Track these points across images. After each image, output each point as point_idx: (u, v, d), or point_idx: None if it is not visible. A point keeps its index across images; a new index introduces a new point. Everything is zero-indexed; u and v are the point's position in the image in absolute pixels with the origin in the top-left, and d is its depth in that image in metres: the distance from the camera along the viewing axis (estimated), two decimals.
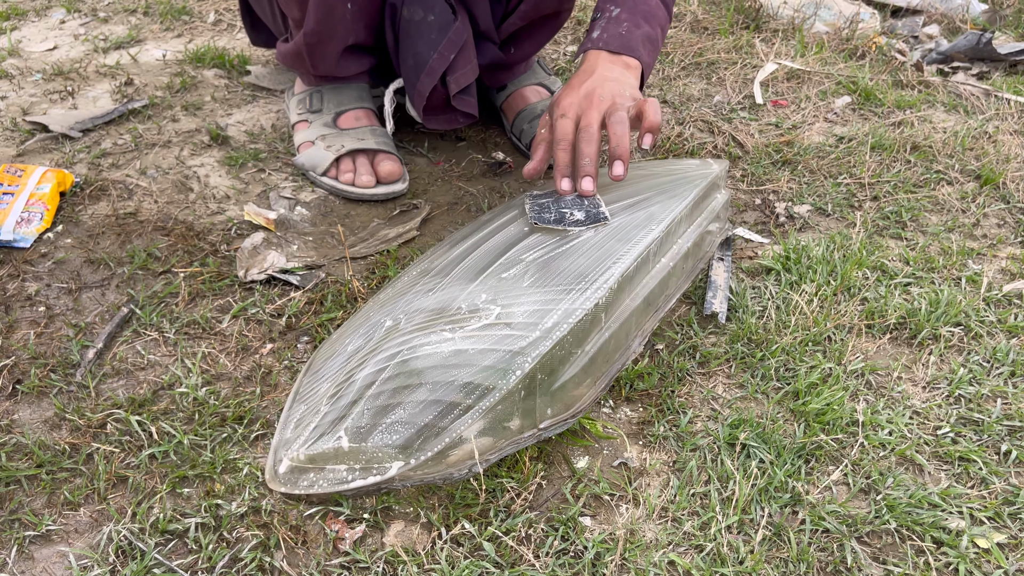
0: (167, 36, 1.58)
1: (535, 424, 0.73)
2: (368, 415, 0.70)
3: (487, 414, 0.69)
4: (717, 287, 0.94)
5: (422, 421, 0.69)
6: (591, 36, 1.02)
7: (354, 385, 0.72)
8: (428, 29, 1.05)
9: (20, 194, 1.02)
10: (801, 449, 0.77)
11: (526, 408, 0.72)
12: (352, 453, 0.69)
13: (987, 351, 0.88)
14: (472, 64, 1.09)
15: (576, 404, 0.76)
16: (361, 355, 0.75)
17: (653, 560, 0.67)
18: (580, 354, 0.75)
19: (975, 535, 0.69)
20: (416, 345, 0.73)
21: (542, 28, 1.20)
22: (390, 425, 0.69)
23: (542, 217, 0.88)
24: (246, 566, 0.66)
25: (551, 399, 0.74)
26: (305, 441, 0.71)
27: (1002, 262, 1.03)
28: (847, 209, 1.12)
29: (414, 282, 0.83)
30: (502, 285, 0.78)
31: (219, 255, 0.99)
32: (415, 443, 0.68)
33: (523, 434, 0.73)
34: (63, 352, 0.84)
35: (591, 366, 0.77)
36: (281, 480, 0.71)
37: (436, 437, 0.69)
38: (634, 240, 0.84)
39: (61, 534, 0.68)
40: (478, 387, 0.70)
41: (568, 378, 0.74)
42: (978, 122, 1.33)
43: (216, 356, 0.85)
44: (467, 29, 1.08)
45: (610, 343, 0.79)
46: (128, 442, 0.75)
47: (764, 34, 1.65)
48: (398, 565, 0.66)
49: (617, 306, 0.80)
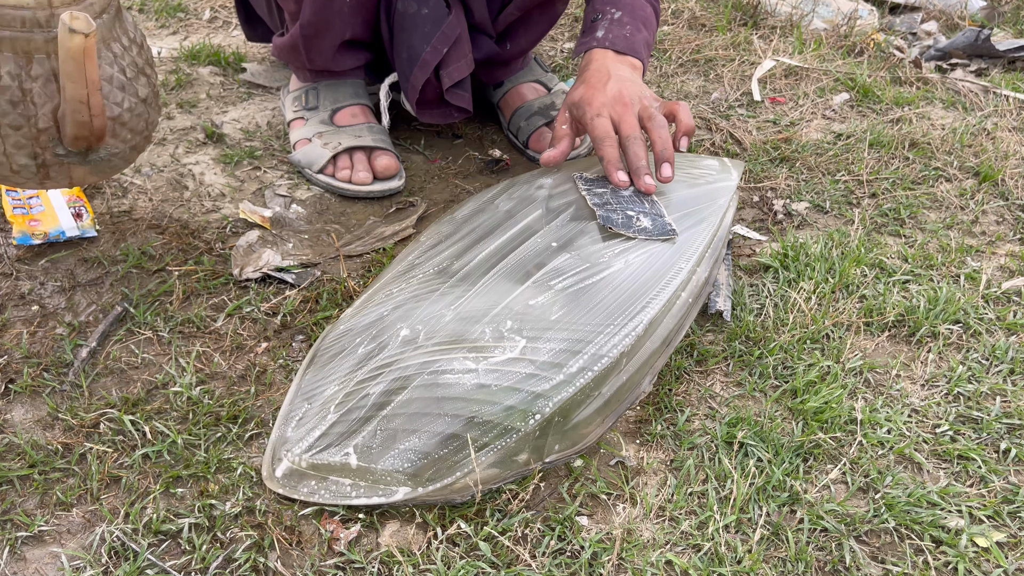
0: (162, 33, 1.57)
1: (541, 458, 0.73)
2: (381, 436, 0.69)
3: (501, 451, 0.70)
4: (720, 285, 0.93)
5: (438, 453, 0.69)
6: (595, 35, 1.02)
7: (367, 399, 0.72)
8: (422, 22, 1.05)
9: (46, 193, 1.01)
10: (799, 448, 0.76)
11: (536, 446, 0.72)
12: (359, 471, 0.69)
13: (986, 349, 0.88)
14: (467, 58, 1.09)
15: (583, 441, 0.76)
16: (374, 365, 0.74)
17: (650, 560, 0.66)
18: (597, 396, 0.75)
19: (974, 534, 0.69)
20: (437, 371, 0.72)
21: (539, 20, 1.19)
22: (403, 451, 0.69)
23: (609, 217, 0.86)
24: (240, 567, 0.65)
25: (561, 437, 0.73)
26: (309, 447, 0.70)
27: (1001, 259, 1.02)
28: (845, 206, 1.11)
29: (430, 279, 0.82)
30: (529, 313, 0.77)
31: (214, 253, 0.98)
32: (427, 472, 0.69)
33: (528, 466, 0.72)
34: (56, 351, 0.84)
35: (604, 407, 0.76)
36: (279, 482, 0.70)
37: (449, 470, 0.69)
38: (664, 281, 0.82)
39: (53, 535, 0.67)
40: (497, 426, 0.70)
41: (581, 419, 0.74)
42: (977, 119, 1.33)
43: (211, 355, 0.85)
44: (461, 23, 1.07)
45: (626, 385, 0.78)
46: (121, 442, 0.75)
47: (762, 31, 1.64)
48: (393, 565, 0.66)
49: (638, 349, 0.78)
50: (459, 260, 0.84)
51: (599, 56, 1.01)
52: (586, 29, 1.06)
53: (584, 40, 1.05)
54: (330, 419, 0.71)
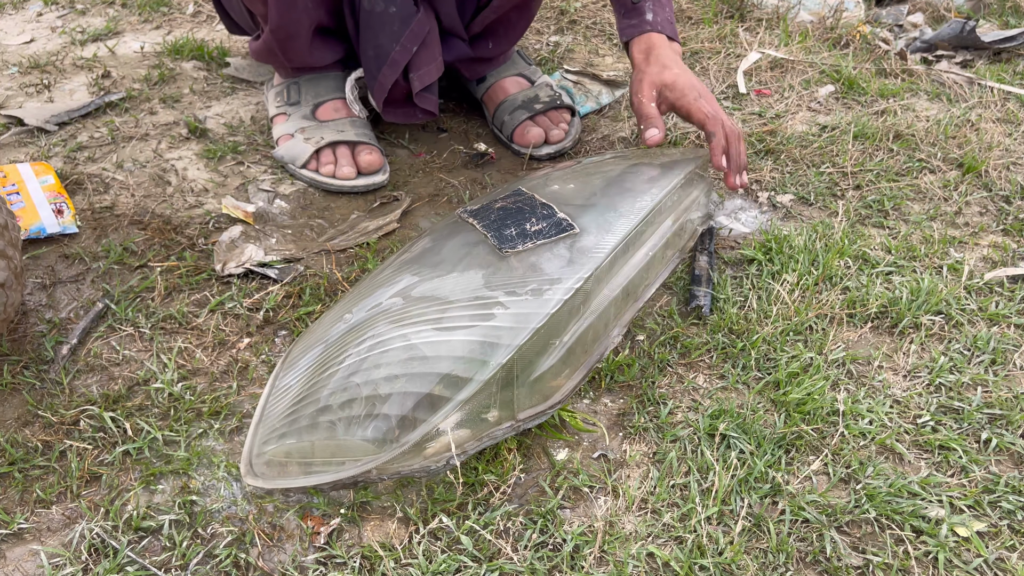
0: (145, 28, 1.56)
1: (513, 415, 0.72)
2: (345, 408, 0.69)
3: (464, 406, 0.69)
4: (701, 279, 0.94)
5: (398, 413, 0.68)
6: (645, 18, 1.03)
7: (332, 376, 0.71)
8: (390, 20, 1.04)
9: (27, 190, 1.00)
10: (781, 439, 0.76)
11: (504, 399, 0.71)
12: (328, 447, 0.68)
13: (968, 339, 0.88)
14: (437, 61, 1.08)
15: (555, 395, 0.76)
16: (339, 345, 0.74)
17: (632, 552, 0.66)
18: (558, 344, 0.75)
19: (955, 524, 0.69)
20: (394, 336, 0.72)
21: (517, 20, 1.19)
22: (365, 417, 0.68)
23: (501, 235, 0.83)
24: (221, 562, 0.65)
25: (529, 390, 0.73)
26: (282, 436, 0.70)
27: (984, 250, 1.03)
28: (829, 198, 1.12)
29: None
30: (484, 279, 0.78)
31: (196, 249, 0.98)
32: (391, 435, 0.68)
33: (501, 425, 0.72)
34: (37, 348, 0.83)
35: (569, 357, 0.76)
36: (257, 474, 0.70)
37: (413, 430, 0.68)
38: (613, 230, 0.83)
39: (33, 532, 0.67)
40: (455, 379, 0.69)
41: (546, 369, 0.74)
42: (961, 110, 1.33)
43: (192, 351, 0.84)
44: (430, 21, 1.06)
45: (588, 333, 0.78)
46: (102, 439, 0.75)
47: (748, 23, 1.64)
48: (375, 560, 0.65)
49: (595, 295, 0.79)
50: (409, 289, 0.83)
51: (658, 41, 1.01)
52: (629, 10, 1.05)
53: (634, 22, 1.03)
54: (301, 404, 0.71)
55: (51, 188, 1.02)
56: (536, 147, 1.17)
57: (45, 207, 0.99)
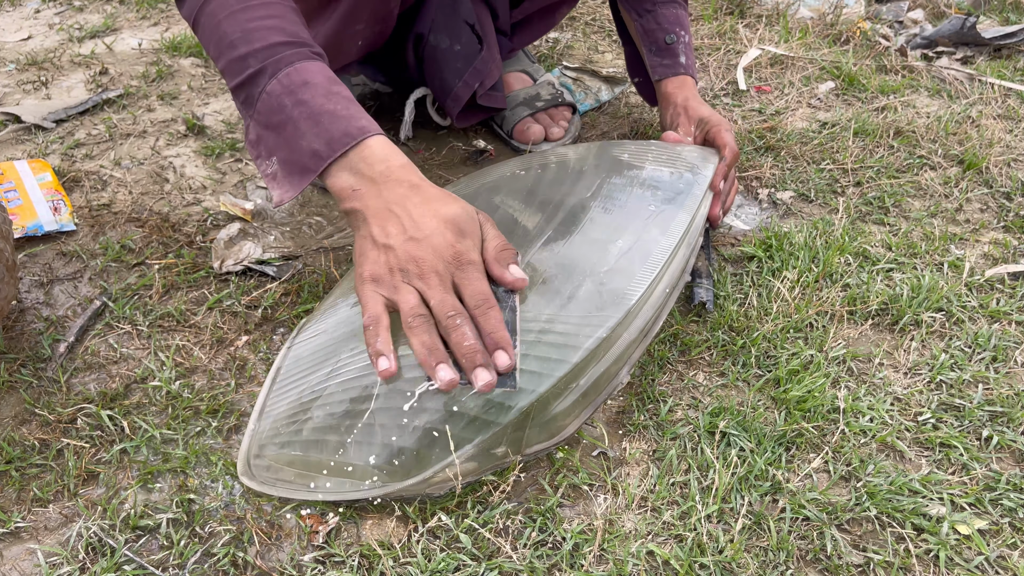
0: (143, 25, 1.55)
1: (520, 451, 0.72)
2: (359, 432, 0.68)
3: (479, 446, 0.68)
4: (701, 275, 0.93)
5: (415, 448, 0.67)
6: (679, 60, 1.09)
7: (345, 393, 0.70)
8: (454, 58, 1.07)
9: (24, 187, 1.00)
10: (782, 437, 0.76)
11: (515, 438, 0.71)
12: (337, 467, 0.68)
13: (969, 336, 0.88)
14: (496, 62, 1.11)
15: (562, 432, 0.75)
16: (353, 349, 0.73)
17: (632, 550, 0.66)
18: (575, 388, 0.74)
19: (956, 521, 0.69)
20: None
21: (539, 24, 1.22)
22: (381, 446, 0.67)
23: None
24: (218, 561, 0.65)
25: (539, 429, 0.73)
26: (286, 443, 0.69)
27: (984, 247, 1.02)
28: (830, 195, 1.11)
29: None
30: None
31: (194, 246, 0.97)
32: (403, 468, 0.67)
33: (506, 459, 0.72)
34: (34, 346, 0.83)
35: (582, 398, 0.75)
36: (256, 476, 0.70)
37: (428, 467, 0.68)
38: (642, 271, 0.80)
39: (30, 531, 0.67)
40: (475, 420, 0.68)
41: (559, 411, 0.73)
42: (961, 107, 1.33)
43: (190, 349, 0.84)
44: (493, 57, 1.09)
45: (603, 377, 0.77)
46: (99, 437, 0.74)
47: (748, 20, 1.63)
48: (374, 558, 0.65)
49: (615, 340, 0.77)
50: None
51: (690, 82, 1.09)
52: (662, 49, 1.10)
53: (668, 63, 1.10)
54: (309, 414, 0.70)
55: (48, 185, 1.02)
56: (536, 144, 1.17)
57: (42, 204, 0.98)
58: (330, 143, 0.74)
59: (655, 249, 0.83)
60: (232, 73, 0.77)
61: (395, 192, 0.73)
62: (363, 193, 0.74)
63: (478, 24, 1.06)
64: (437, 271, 0.69)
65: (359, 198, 0.74)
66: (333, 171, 0.75)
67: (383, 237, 0.72)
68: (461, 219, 0.71)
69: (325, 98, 0.75)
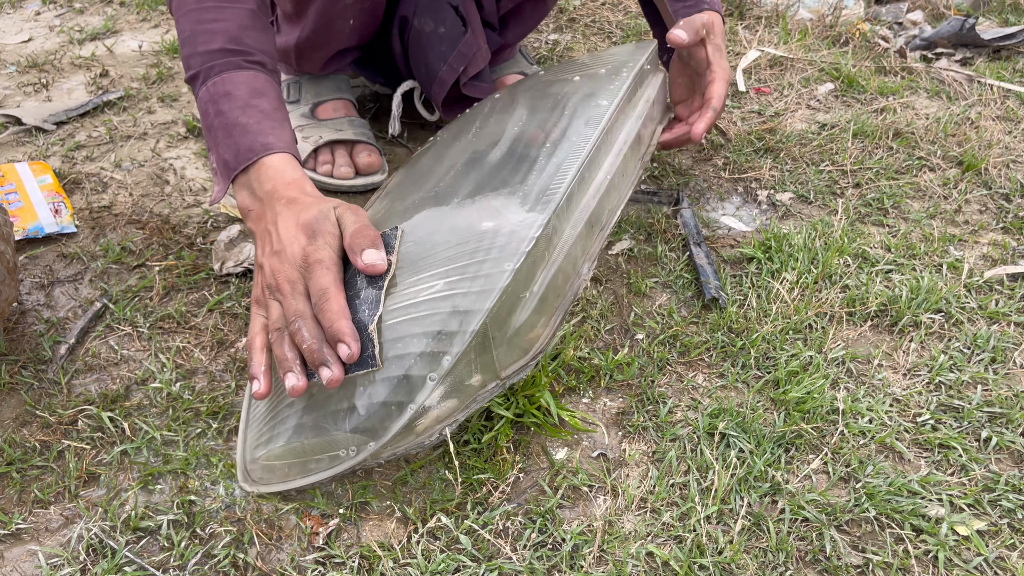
0: (144, 27, 1.56)
1: (496, 376, 0.71)
2: (326, 403, 0.68)
3: (444, 380, 0.67)
4: (707, 271, 0.93)
5: (381, 400, 0.67)
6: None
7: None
8: (438, 41, 1.06)
9: (25, 189, 1.00)
10: (781, 438, 0.76)
11: (484, 363, 0.69)
12: (319, 444, 0.68)
13: (968, 338, 0.88)
14: (482, 50, 1.11)
15: (534, 346, 0.73)
16: None
17: (631, 551, 0.66)
18: (528, 296, 0.72)
19: (955, 522, 0.69)
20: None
21: (530, 15, 1.20)
22: (349, 410, 0.67)
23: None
24: (219, 563, 0.65)
25: (507, 347, 0.71)
26: (270, 440, 0.69)
27: (983, 248, 1.03)
28: (829, 196, 1.11)
29: None
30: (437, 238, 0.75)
31: (195, 248, 0.98)
32: (379, 423, 0.67)
33: (487, 387, 0.70)
34: (35, 348, 0.83)
35: (542, 305, 0.73)
36: (255, 480, 0.70)
37: (400, 414, 0.67)
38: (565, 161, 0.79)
39: (31, 532, 0.67)
40: (431, 355, 0.67)
41: (521, 323, 0.71)
42: (961, 108, 1.33)
43: (191, 350, 0.84)
44: (477, 40, 1.08)
45: (558, 277, 0.75)
46: (100, 439, 0.74)
47: (747, 21, 1.64)
48: (374, 560, 0.65)
49: (558, 237, 0.75)
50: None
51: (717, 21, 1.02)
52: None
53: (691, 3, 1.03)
54: (275, 404, 0.70)
55: (49, 188, 1.02)
56: None
57: (43, 207, 0.99)
58: (236, 156, 0.77)
59: (577, 139, 0.82)
60: (184, 67, 0.83)
61: (273, 210, 0.74)
62: (254, 214, 0.76)
63: (462, 7, 1.05)
64: (290, 279, 0.69)
65: (252, 219, 0.76)
66: (237, 187, 0.78)
67: (260, 257, 0.73)
68: (314, 221, 0.71)
69: (241, 111, 0.77)
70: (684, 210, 1.05)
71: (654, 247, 1.00)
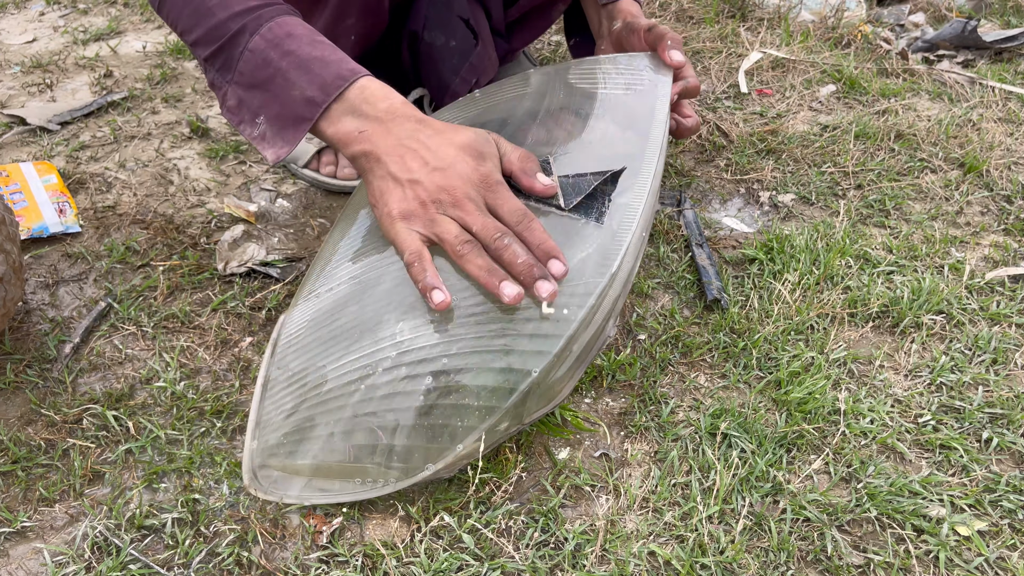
0: (147, 28, 1.56)
1: (520, 421, 0.72)
2: (364, 435, 0.68)
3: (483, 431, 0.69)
4: (709, 272, 0.93)
5: (424, 445, 0.68)
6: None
7: (349, 395, 0.69)
8: (450, 55, 1.05)
9: (30, 189, 1.01)
10: (783, 438, 0.76)
11: (516, 413, 0.71)
12: (347, 470, 0.68)
13: (969, 339, 0.88)
14: (492, 61, 1.11)
15: (558, 396, 0.75)
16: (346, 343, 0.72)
17: (633, 551, 0.66)
18: (569, 355, 0.73)
19: (956, 523, 0.69)
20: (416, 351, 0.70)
21: (536, 23, 1.20)
22: (389, 448, 0.68)
23: None
24: (223, 561, 0.65)
25: (538, 398, 0.72)
26: (291, 454, 0.69)
27: (985, 250, 1.03)
28: (831, 198, 1.12)
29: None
30: None
31: (199, 248, 0.98)
32: (416, 463, 0.68)
33: (509, 431, 0.72)
34: (39, 347, 0.83)
35: (575, 363, 0.75)
36: (264, 488, 0.69)
37: (439, 459, 0.68)
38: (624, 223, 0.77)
39: (36, 530, 0.67)
40: (483, 409, 0.68)
41: (555, 379, 0.73)
42: (962, 110, 1.33)
43: (195, 350, 0.84)
44: (488, 51, 1.08)
45: (594, 338, 0.77)
46: (105, 437, 0.75)
47: (749, 23, 1.64)
48: (377, 558, 0.66)
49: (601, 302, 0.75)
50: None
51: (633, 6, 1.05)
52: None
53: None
54: (306, 418, 0.70)
55: (54, 187, 1.02)
56: None
57: (48, 206, 0.99)
58: (324, 88, 0.74)
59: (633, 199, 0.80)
60: (208, 41, 0.77)
61: (404, 128, 0.73)
62: (371, 134, 0.73)
63: (472, 19, 1.06)
64: (470, 196, 0.70)
65: (367, 139, 0.73)
66: (332, 116, 0.75)
67: (405, 173, 0.71)
68: (477, 143, 0.72)
69: (311, 46, 0.75)
70: (686, 211, 1.05)
71: (656, 248, 1.00)
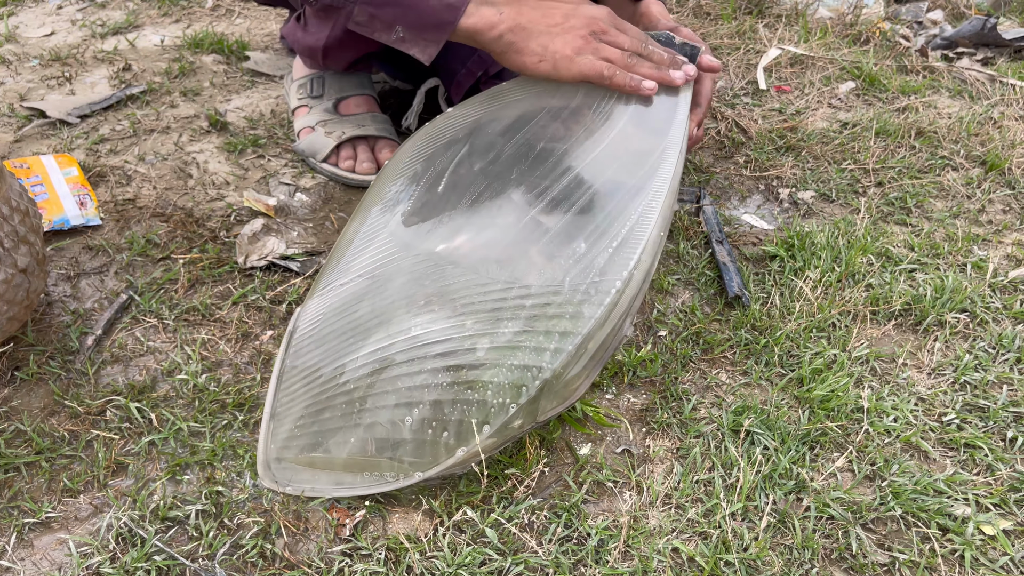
0: (165, 21, 1.56)
1: (535, 419, 0.72)
2: (379, 428, 0.68)
3: (499, 425, 0.69)
4: (729, 269, 0.93)
5: (439, 439, 0.68)
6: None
7: (366, 388, 0.69)
8: (459, 45, 1.05)
9: (51, 182, 1.01)
10: (805, 436, 0.76)
11: (530, 410, 0.71)
12: (360, 463, 0.68)
13: (992, 337, 0.88)
14: None
15: (573, 395, 0.75)
16: (360, 336, 0.72)
17: (657, 547, 0.66)
18: (584, 354, 0.73)
19: (981, 522, 0.69)
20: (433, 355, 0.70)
21: None
22: (402, 441, 0.68)
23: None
24: (247, 553, 0.65)
25: (553, 396, 0.72)
26: (304, 447, 0.69)
27: (1007, 248, 1.02)
28: (851, 195, 1.11)
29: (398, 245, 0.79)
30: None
31: (218, 241, 0.98)
32: (429, 458, 0.68)
33: (524, 429, 0.72)
34: (62, 339, 0.84)
35: (591, 362, 0.75)
36: (277, 478, 0.69)
37: (452, 455, 0.68)
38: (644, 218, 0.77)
39: (61, 521, 0.67)
40: (498, 405, 0.68)
41: (571, 376, 0.73)
42: (983, 108, 1.32)
43: (216, 343, 0.84)
44: None
45: (610, 336, 0.77)
46: (128, 429, 0.75)
47: (767, 19, 1.63)
48: (400, 552, 0.66)
49: (617, 300, 0.75)
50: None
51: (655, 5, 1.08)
52: None
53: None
54: (320, 411, 0.70)
55: (74, 180, 1.03)
56: None
57: (68, 199, 0.99)
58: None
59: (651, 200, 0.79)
60: None
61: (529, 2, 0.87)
62: (509, 13, 0.86)
63: None
64: (612, 25, 0.87)
65: (509, 18, 0.86)
66: (471, 11, 0.87)
67: (556, 26, 0.86)
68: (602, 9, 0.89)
69: None
70: (706, 207, 1.05)
71: (676, 244, 1.00)
